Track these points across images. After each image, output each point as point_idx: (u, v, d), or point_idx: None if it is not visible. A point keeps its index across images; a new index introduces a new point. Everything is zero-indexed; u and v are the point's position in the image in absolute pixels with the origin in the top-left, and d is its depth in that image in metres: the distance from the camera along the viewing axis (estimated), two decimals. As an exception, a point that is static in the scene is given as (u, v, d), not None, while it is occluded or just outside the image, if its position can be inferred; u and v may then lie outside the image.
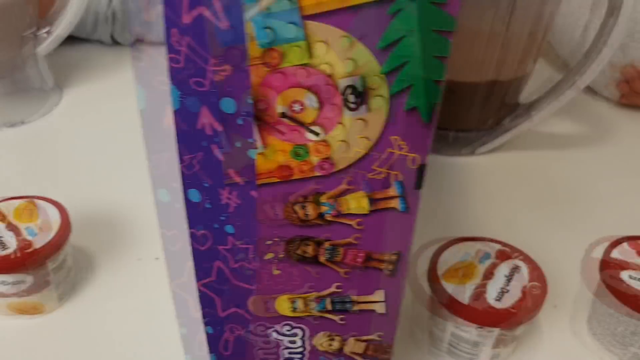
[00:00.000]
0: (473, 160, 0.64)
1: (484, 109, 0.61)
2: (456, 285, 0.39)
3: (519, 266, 0.41)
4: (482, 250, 0.42)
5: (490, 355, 0.40)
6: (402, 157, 0.23)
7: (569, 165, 0.63)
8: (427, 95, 0.21)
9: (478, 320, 0.38)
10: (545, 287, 0.40)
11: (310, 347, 0.31)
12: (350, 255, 0.27)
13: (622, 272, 0.40)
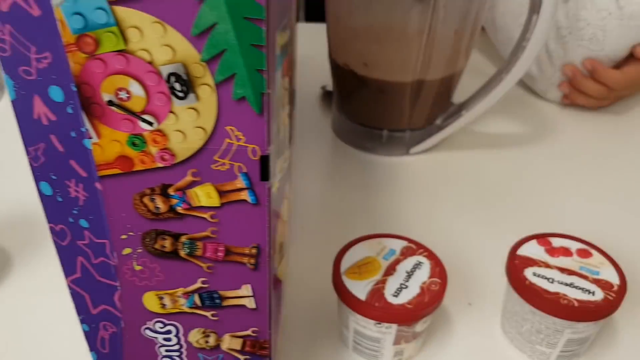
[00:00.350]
0: (407, 160, 0.64)
1: (414, 108, 0.61)
2: (357, 282, 0.39)
3: (421, 262, 0.41)
4: (388, 247, 0.42)
5: (393, 352, 0.40)
6: (242, 148, 0.23)
7: (504, 165, 0.64)
8: (252, 84, 0.21)
9: (375, 316, 0.38)
10: (445, 283, 0.39)
11: (186, 345, 0.31)
12: (210, 249, 0.26)
13: (526, 269, 0.40)
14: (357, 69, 0.59)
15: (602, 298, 0.38)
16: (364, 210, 0.57)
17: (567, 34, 0.66)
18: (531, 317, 0.40)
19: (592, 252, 0.42)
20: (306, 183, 0.60)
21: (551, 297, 0.38)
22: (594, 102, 0.70)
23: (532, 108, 0.74)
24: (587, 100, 0.70)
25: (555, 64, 0.69)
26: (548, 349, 0.40)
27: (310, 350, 0.43)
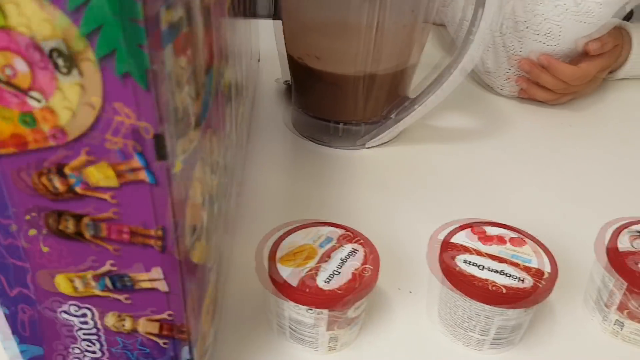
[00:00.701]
0: (363, 153, 0.65)
1: (368, 101, 0.61)
2: (291, 268, 0.39)
3: (356, 250, 0.41)
4: (325, 235, 0.42)
5: (327, 338, 0.40)
6: (134, 126, 0.23)
7: (458, 159, 0.64)
8: (135, 60, 0.21)
9: (306, 301, 0.38)
10: (377, 269, 0.40)
11: (103, 328, 0.31)
12: (114, 230, 0.26)
13: (458, 256, 0.41)
14: (310, 62, 0.59)
15: (532, 285, 0.38)
16: (315, 201, 0.57)
17: (524, 29, 0.67)
18: (462, 304, 0.40)
19: (526, 241, 0.42)
20: (260, 175, 0.60)
21: (480, 284, 0.38)
22: (551, 96, 0.71)
23: (488, 103, 0.75)
24: (544, 94, 0.71)
25: (511, 59, 0.70)
26: (481, 336, 0.41)
27: (248, 338, 0.43)
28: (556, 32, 0.65)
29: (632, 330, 0.42)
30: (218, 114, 0.34)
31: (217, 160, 0.33)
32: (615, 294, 0.42)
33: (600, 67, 0.69)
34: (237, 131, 0.47)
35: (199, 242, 0.29)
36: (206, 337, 0.35)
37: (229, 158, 0.39)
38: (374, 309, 0.45)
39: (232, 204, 0.43)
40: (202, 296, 0.32)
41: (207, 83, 0.28)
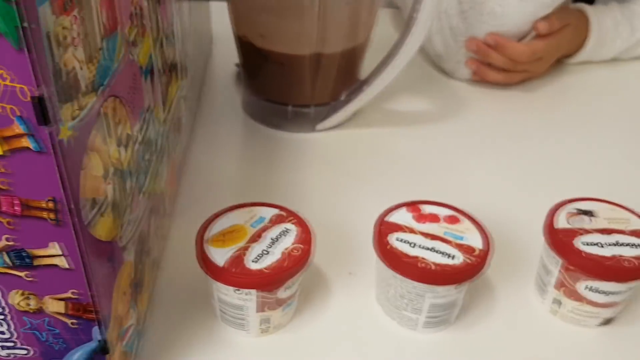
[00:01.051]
0: (313, 137, 0.64)
1: (317, 83, 0.60)
2: (220, 249, 0.38)
3: (289, 229, 0.40)
4: (258, 215, 0.41)
5: (258, 320, 0.39)
6: (10, 88, 0.21)
7: (410, 141, 0.63)
8: (3, 17, 0.20)
9: (233, 282, 0.37)
10: (309, 249, 0.39)
11: (8, 307, 0.30)
12: (5, 202, 0.25)
13: (391, 234, 0.40)
14: (255, 40, 0.58)
15: (462, 262, 0.38)
16: (262, 184, 0.56)
17: (469, 9, 0.66)
18: (394, 282, 0.39)
19: (460, 219, 0.42)
20: (207, 158, 0.59)
21: (409, 261, 0.38)
22: (502, 77, 0.71)
23: (443, 87, 0.74)
24: (495, 75, 0.70)
25: (459, 41, 0.69)
26: (414, 315, 0.40)
27: (182, 321, 0.42)
28: (499, 12, 0.65)
29: (570, 309, 0.42)
30: (130, 85, 0.32)
31: (130, 134, 0.32)
32: (553, 272, 0.42)
33: (550, 47, 0.68)
34: (173, 110, 0.46)
35: (103, 218, 0.28)
36: (124, 319, 0.34)
37: (152, 134, 0.38)
38: (313, 291, 0.45)
39: (162, 183, 0.42)
40: (112, 275, 0.31)
41: (107, 48, 0.27)
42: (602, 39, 0.75)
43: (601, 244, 0.40)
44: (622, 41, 0.76)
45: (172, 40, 0.44)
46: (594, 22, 0.74)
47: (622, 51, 0.78)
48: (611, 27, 0.75)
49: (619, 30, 0.75)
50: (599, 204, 0.43)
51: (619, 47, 0.77)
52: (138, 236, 0.35)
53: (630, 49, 0.78)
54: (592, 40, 0.75)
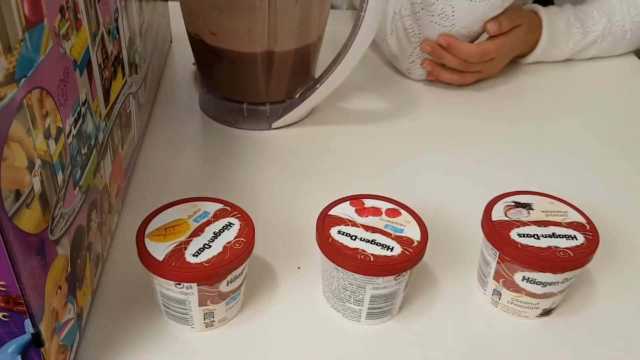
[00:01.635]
0: (269, 134, 0.64)
1: (270, 80, 0.61)
2: (160, 244, 0.38)
3: (232, 224, 0.41)
4: (202, 210, 0.42)
5: (201, 314, 0.40)
6: None
7: (364, 139, 0.64)
8: None
9: (172, 276, 0.37)
10: (251, 242, 0.39)
11: None
12: None
13: (333, 228, 0.41)
14: (206, 38, 0.58)
15: (399, 253, 0.39)
16: (214, 181, 0.56)
17: (420, 10, 0.67)
18: (336, 274, 0.40)
19: (401, 212, 0.42)
20: (160, 155, 0.59)
21: (349, 253, 0.38)
22: (456, 77, 0.72)
23: (397, 86, 0.75)
24: (449, 76, 0.72)
25: (413, 42, 0.70)
26: (357, 306, 0.41)
27: (127, 317, 0.42)
28: (449, 13, 0.66)
29: (509, 300, 0.43)
30: (60, 78, 0.32)
31: (61, 127, 0.32)
32: (491, 264, 0.43)
33: (501, 47, 0.70)
34: (118, 106, 0.46)
35: (30, 210, 0.28)
36: (61, 313, 0.34)
37: (90, 129, 0.37)
38: (260, 285, 0.45)
39: (105, 179, 0.42)
40: (43, 268, 0.31)
41: (30, 40, 0.27)
42: (554, 40, 0.77)
43: (537, 236, 0.41)
44: (574, 43, 0.78)
45: (115, 36, 0.44)
46: (546, 23, 0.75)
47: (575, 52, 0.80)
48: (564, 28, 0.77)
49: (571, 32, 0.77)
50: (537, 198, 0.44)
51: (572, 49, 0.79)
52: (75, 231, 0.35)
53: (583, 50, 0.80)
54: (544, 41, 0.76)
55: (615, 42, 0.80)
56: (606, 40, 0.80)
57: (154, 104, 0.67)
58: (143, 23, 0.57)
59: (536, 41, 0.77)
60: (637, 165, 0.62)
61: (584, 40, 0.79)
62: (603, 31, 0.78)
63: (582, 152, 0.64)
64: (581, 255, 0.40)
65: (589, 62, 0.83)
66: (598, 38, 0.79)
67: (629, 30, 0.79)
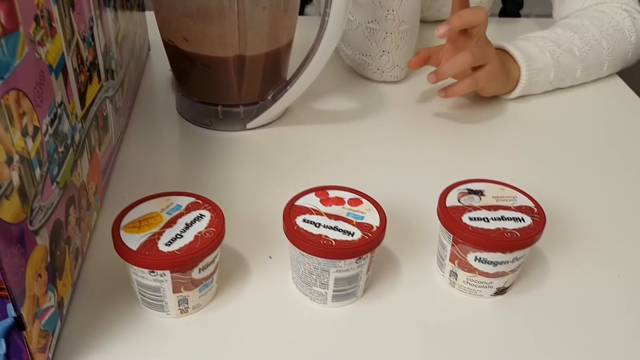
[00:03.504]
0: (244, 135, 0.67)
1: (243, 83, 0.63)
2: (134, 235, 0.41)
3: (203, 215, 0.43)
4: (175, 203, 0.44)
5: (176, 300, 0.42)
6: None
7: (334, 138, 0.67)
8: None
9: (146, 264, 0.40)
10: (221, 231, 0.42)
11: None
12: None
13: (298, 217, 0.44)
14: (179, 44, 0.61)
15: (359, 238, 0.42)
16: (188, 180, 0.59)
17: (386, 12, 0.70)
18: (302, 260, 0.43)
19: (362, 201, 0.45)
20: (137, 157, 0.62)
21: (313, 239, 0.41)
22: (468, 81, 0.68)
23: (366, 88, 0.78)
24: (463, 86, 0.69)
25: (379, 41, 0.73)
26: (322, 289, 0.44)
27: (106, 306, 0.44)
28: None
29: (464, 280, 0.46)
30: (36, 81, 0.34)
31: (37, 126, 0.34)
32: (447, 247, 0.46)
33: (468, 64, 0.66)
34: (94, 109, 0.49)
35: (9, 201, 0.31)
36: (41, 299, 0.36)
37: (67, 129, 0.40)
38: (233, 274, 0.48)
39: (82, 177, 0.45)
40: (23, 255, 0.33)
41: (6, 45, 0.30)
42: (532, 61, 0.72)
43: (487, 219, 0.44)
44: (551, 56, 0.73)
45: (91, 43, 0.47)
46: (522, 59, 0.71)
47: (560, 69, 0.74)
48: (537, 50, 0.72)
49: (546, 47, 0.73)
50: (489, 185, 0.48)
51: (555, 64, 0.73)
52: (53, 223, 0.38)
53: (569, 67, 0.75)
54: (523, 78, 0.72)
55: (595, 53, 0.75)
56: (583, 50, 0.74)
57: (133, 108, 0.70)
58: (119, 31, 0.59)
59: (516, 79, 0.73)
60: (593, 156, 0.66)
61: (560, 50, 0.73)
62: (572, 43, 0.74)
63: (538, 145, 0.68)
64: (527, 235, 0.43)
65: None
66: (572, 47, 0.74)
67: (601, 39, 0.75)
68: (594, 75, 0.78)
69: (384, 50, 0.74)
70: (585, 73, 0.76)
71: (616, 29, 0.77)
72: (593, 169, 0.64)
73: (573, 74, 0.75)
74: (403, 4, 0.70)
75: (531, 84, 0.73)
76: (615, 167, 0.64)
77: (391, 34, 0.72)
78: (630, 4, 0.80)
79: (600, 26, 0.76)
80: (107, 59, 0.53)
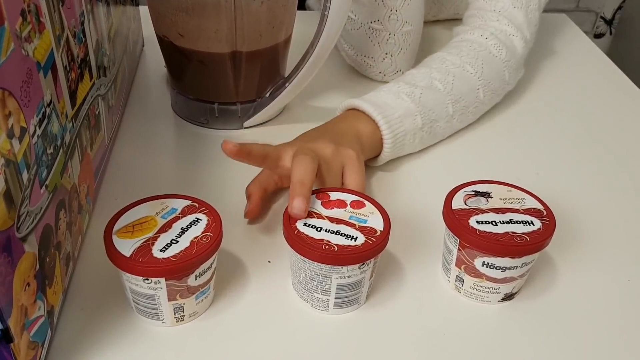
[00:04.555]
0: (241, 133, 0.65)
1: (240, 80, 0.62)
2: (127, 240, 0.39)
3: (199, 219, 0.42)
4: (170, 207, 0.43)
5: (171, 309, 0.41)
6: None
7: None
8: None
9: (140, 272, 0.38)
10: (218, 236, 0.40)
11: None
12: None
13: (299, 221, 0.42)
14: (174, 40, 0.59)
15: (363, 243, 0.40)
16: (185, 180, 0.57)
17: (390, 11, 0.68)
18: (303, 266, 0.41)
19: (365, 203, 0.44)
20: (132, 156, 0.60)
21: (314, 244, 0.40)
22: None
23: (366, 84, 0.76)
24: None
25: (382, 43, 0.71)
26: (324, 296, 0.42)
27: (98, 314, 0.42)
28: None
29: (471, 285, 0.44)
30: (23, 79, 0.33)
31: (24, 127, 0.32)
32: (453, 251, 0.44)
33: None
34: (85, 107, 0.47)
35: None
36: (30, 309, 0.35)
37: (56, 129, 0.38)
38: (231, 280, 0.46)
39: (73, 179, 0.43)
40: (10, 264, 0.31)
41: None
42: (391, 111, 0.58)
43: (495, 222, 0.42)
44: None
45: (82, 39, 0.45)
46: (381, 118, 0.56)
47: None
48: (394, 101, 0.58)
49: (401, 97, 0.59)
50: (496, 186, 0.46)
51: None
52: (42, 229, 0.36)
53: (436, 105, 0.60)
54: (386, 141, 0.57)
55: (460, 80, 0.62)
56: (446, 82, 0.61)
57: (126, 106, 0.68)
58: (111, 27, 0.57)
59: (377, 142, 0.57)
60: (598, 155, 0.64)
61: (418, 90, 0.59)
62: (430, 78, 0.61)
63: (544, 143, 0.66)
64: (537, 240, 0.41)
65: (548, 56, 0.85)
66: (433, 82, 0.61)
67: (464, 64, 0.63)
68: (471, 106, 0.63)
69: (387, 53, 0.71)
70: (458, 105, 0.62)
71: (478, 51, 0.65)
72: (600, 168, 0.62)
73: (444, 110, 0.60)
74: (406, 3, 0.68)
75: (396, 143, 0.57)
76: (624, 166, 0.62)
77: (394, 36, 0.70)
78: (500, 27, 0.69)
79: (458, 53, 0.65)
80: (99, 55, 0.51)
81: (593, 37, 1.84)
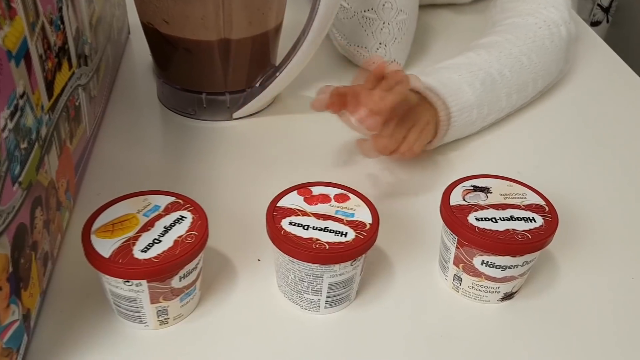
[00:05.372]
0: (230, 124, 0.63)
1: (229, 69, 0.59)
2: (106, 240, 0.37)
3: (184, 217, 0.39)
4: (153, 204, 0.40)
5: (154, 311, 0.38)
6: None
7: (321, 126, 0.62)
8: None
9: (120, 273, 0.36)
10: (204, 235, 0.38)
11: None
12: None
13: (284, 220, 0.40)
14: (159, 27, 0.56)
15: (354, 238, 0.38)
16: (172, 174, 0.55)
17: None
18: (292, 267, 0.39)
19: (349, 196, 0.42)
20: (116, 148, 0.57)
21: (304, 244, 0.38)
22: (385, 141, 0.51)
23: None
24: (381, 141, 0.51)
25: (375, 32, 0.69)
26: (315, 297, 0.40)
27: (78, 317, 0.40)
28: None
29: (470, 284, 0.42)
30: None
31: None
32: (451, 249, 0.42)
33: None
34: (64, 98, 0.44)
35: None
36: (3, 315, 0.32)
37: (31, 122, 0.36)
38: (218, 279, 0.44)
39: (50, 174, 0.40)
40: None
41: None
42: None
43: (495, 219, 0.40)
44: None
45: (59, 26, 0.43)
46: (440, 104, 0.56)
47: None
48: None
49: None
50: (495, 181, 0.44)
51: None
52: (15, 229, 0.34)
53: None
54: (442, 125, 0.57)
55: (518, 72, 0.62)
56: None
57: (110, 96, 0.65)
58: (93, 13, 0.55)
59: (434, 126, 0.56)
60: (601, 146, 0.63)
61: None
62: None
63: (544, 136, 0.64)
64: (539, 238, 0.39)
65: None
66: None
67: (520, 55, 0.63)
68: (520, 100, 0.64)
69: (381, 43, 0.69)
70: (512, 99, 0.62)
71: (533, 40, 0.64)
72: (603, 160, 0.60)
73: (498, 103, 0.61)
74: None
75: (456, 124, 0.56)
76: (626, 161, 0.61)
77: (388, 25, 0.67)
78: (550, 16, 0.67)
79: (515, 42, 0.64)
80: (79, 43, 0.49)
81: (590, 24, 1.82)
